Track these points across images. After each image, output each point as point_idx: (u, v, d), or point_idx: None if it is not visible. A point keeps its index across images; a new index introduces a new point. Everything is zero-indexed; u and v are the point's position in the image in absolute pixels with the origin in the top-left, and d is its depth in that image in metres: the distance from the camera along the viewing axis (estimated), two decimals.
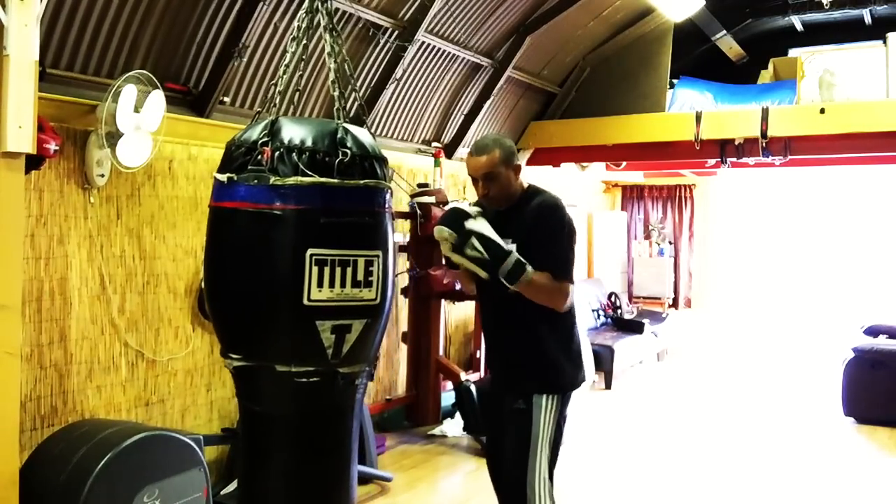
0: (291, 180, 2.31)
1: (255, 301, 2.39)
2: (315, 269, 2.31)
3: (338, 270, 2.34)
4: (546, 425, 2.71)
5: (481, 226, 2.60)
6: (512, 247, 2.65)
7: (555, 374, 2.78)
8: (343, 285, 2.36)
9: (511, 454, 2.74)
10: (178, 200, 4.14)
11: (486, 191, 2.74)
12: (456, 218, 2.66)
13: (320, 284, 2.32)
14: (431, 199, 5.28)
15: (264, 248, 2.36)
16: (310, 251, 2.31)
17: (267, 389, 2.46)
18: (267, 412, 2.49)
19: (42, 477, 3.00)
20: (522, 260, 2.58)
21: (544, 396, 2.72)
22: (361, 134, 2.50)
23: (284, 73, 2.57)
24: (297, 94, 2.61)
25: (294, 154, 2.33)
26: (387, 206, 2.54)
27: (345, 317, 2.39)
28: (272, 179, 2.31)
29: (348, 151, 2.37)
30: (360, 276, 2.39)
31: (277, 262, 2.35)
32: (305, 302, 2.32)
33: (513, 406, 2.74)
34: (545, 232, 2.68)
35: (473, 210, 2.70)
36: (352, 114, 2.67)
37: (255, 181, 2.33)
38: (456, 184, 6.61)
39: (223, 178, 2.40)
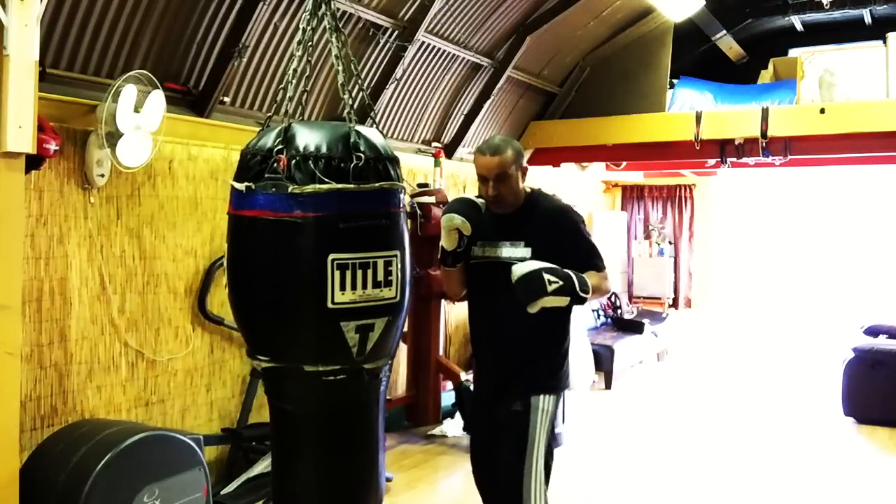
0: (309, 188, 2.33)
1: (280, 306, 2.42)
2: (337, 273, 2.34)
3: (359, 273, 2.38)
4: (542, 427, 2.72)
5: (537, 262, 2.61)
6: (527, 251, 2.70)
7: (553, 374, 2.81)
8: (364, 287, 2.39)
9: (507, 457, 2.74)
10: (178, 200, 4.13)
11: (496, 192, 2.73)
12: (468, 205, 2.71)
13: (342, 287, 2.35)
14: (431, 199, 5.28)
15: (286, 256, 2.39)
16: (331, 256, 2.34)
17: (296, 388, 2.50)
18: (297, 410, 2.53)
19: (42, 477, 3.00)
20: (572, 273, 2.62)
21: (542, 397, 2.73)
22: (373, 135, 2.52)
23: (293, 77, 2.57)
24: (305, 94, 2.62)
25: (310, 162, 2.35)
26: (401, 205, 2.56)
27: (367, 316, 2.42)
28: (290, 188, 2.33)
29: (362, 155, 2.39)
30: (381, 277, 2.42)
31: (300, 269, 2.37)
32: (329, 305, 2.35)
33: (510, 409, 2.74)
34: (572, 232, 2.78)
35: (479, 201, 2.72)
36: (356, 108, 2.67)
37: (274, 189, 2.35)
38: (456, 184, 6.61)
39: (241, 187, 2.42)
